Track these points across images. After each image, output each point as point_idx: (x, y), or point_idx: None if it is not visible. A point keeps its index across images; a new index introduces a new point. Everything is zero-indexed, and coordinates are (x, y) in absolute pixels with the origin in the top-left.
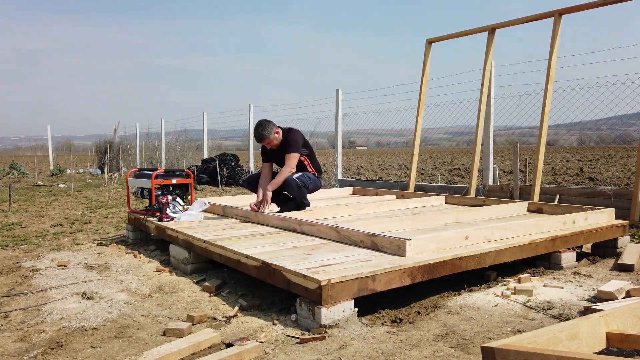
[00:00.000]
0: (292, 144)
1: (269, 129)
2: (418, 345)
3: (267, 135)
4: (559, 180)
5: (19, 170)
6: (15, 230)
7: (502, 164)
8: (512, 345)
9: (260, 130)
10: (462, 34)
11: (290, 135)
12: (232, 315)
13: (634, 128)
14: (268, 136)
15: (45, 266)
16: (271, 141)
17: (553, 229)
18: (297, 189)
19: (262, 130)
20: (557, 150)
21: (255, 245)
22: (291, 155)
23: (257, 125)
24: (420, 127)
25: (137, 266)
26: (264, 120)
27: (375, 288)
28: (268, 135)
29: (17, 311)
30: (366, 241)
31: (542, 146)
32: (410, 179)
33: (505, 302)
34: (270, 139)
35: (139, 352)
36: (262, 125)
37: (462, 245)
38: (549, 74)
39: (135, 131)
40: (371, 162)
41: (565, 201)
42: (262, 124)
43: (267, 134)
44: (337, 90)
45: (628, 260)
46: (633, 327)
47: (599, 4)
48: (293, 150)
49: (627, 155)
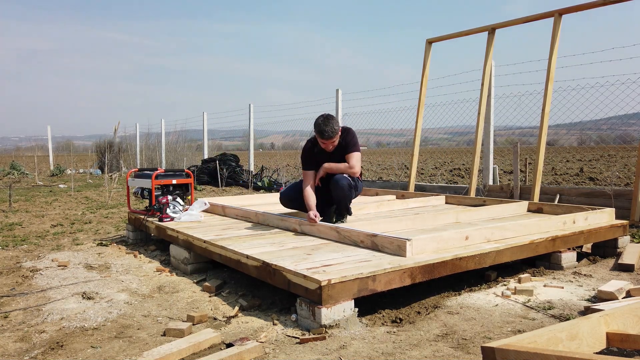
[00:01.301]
0: (354, 143)
1: (338, 124)
2: (418, 345)
3: (337, 131)
4: (559, 180)
5: (19, 170)
6: (15, 231)
7: (502, 164)
8: (513, 345)
9: (332, 124)
10: (462, 34)
11: (349, 135)
12: (232, 315)
13: (634, 128)
14: (338, 132)
15: (45, 266)
16: (334, 140)
17: (553, 229)
18: (348, 189)
19: (334, 124)
20: (557, 150)
21: (255, 246)
22: (355, 155)
23: (325, 119)
24: (420, 127)
25: (137, 266)
26: (330, 115)
27: (376, 288)
28: (338, 131)
29: (18, 311)
30: (366, 241)
31: (542, 146)
32: (411, 179)
33: (505, 302)
34: (336, 138)
35: (139, 352)
36: (332, 120)
37: (462, 246)
38: (549, 74)
39: (135, 131)
40: (371, 162)
41: (565, 201)
42: (331, 117)
43: (338, 128)
44: (337, 90)
45: (628, 260)
46: (633, 327)
47: (599, 4)
48: (356, 149)
49: (627, 155)
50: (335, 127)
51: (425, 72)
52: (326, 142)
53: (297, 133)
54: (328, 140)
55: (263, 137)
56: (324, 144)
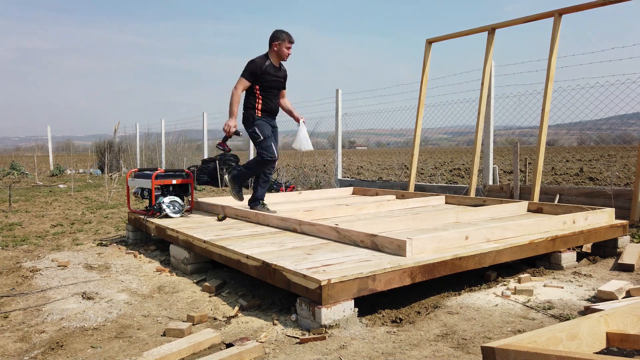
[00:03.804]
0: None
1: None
2: (418, 345)
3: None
4: (559, 180)
5: (19, 170)
6: (15, 231)
7: (502, 164)
8: (513, 345)
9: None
10: (462, 34)
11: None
12: (232, 315)
13: (634, 128)
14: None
15: (45, 266)
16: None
17: (553, 228)
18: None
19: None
20: (557, 150)
21: (255, 246)
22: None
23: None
24: (420, 127)
25: (137, 266)
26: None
27: (376, 288)
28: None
29: (17, 311)
30: (366, 241)
31: (542, 146)
32: (410, 179)
33: (505, 302)
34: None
35: (139, 352)
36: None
37: (462, 245)
38: (549, 74)
39: (135, 131)
40: (371, 162)
41: (565, 201)
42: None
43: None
44: (337, 90)
45: (628, 260)
46: (633, 327)
47: (599, 4)
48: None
49: (627, 155)
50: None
51: (425, 72)
52: (290, 48)
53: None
54: (291, 46)
55: None
56: (289, 49)
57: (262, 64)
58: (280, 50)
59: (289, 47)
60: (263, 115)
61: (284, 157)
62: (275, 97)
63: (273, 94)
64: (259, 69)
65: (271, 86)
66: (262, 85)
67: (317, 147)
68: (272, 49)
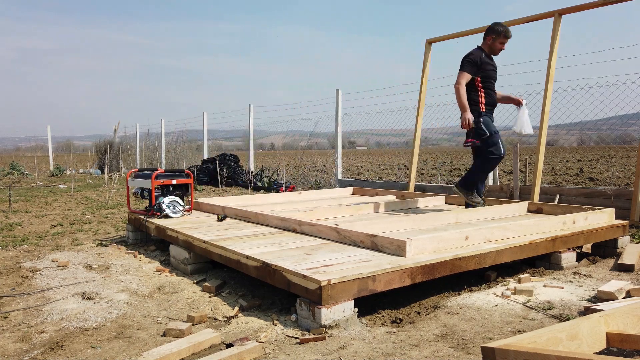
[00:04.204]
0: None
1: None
2: (418, 346)
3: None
4: (559, 180)
5: (19, 170)
6: (15, 231)
7: (502, 164)
8: (512, 345)
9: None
10: (462, 34)
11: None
12: (232, 316)
13: (634, 128)
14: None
15: (45, 266)
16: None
17: (553, 229)
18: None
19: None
20: (557, 150)
21: (255, 246)
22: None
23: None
24: (420, 127)
25: (137, 266)
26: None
27: (376, 288)
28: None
29: (17, 311)
30: (366, 241)
31: (542, 146)
32: (411, 179)
33: (505, 302)
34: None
35: (139, 353)
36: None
37: (462, 246)
38: (548, 74)
39: (135, 131)
40: (371, 162)
41: (565, 201)
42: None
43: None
44: (337, 90)
45: (628, 260)
46: (633, 327)
47: (599, 4)
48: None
49: (627, 155)
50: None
51: (425, 72)
52: (506, 43)
53: (297, 133)
54: (507, 40)
55: (263, 137)
56: (504, 44)
57: (480, 55)
58: (493, 45)
59: (503, 42)
60: (487, 109)
61: (284, 157)
62: (494, 90)
63: (492, 85)
64: (479, 59)
65: (490, 76)
66: (483, 77)
67: (317, 147)
68: (485, 42)
